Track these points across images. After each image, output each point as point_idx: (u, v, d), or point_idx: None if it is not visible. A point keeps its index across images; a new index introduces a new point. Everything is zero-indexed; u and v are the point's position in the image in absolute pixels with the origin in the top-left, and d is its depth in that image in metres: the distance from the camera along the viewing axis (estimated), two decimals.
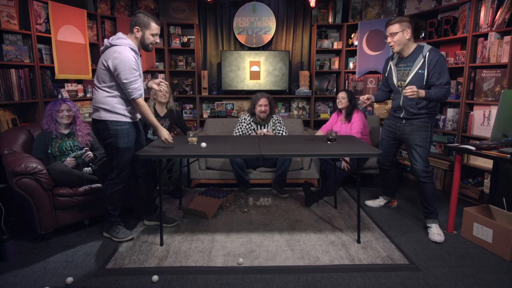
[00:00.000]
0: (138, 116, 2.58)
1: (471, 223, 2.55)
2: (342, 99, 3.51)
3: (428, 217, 2.72)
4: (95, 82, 2.44)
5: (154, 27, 2.42)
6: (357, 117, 3.45)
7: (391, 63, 2.81)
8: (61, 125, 2.87)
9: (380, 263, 2.28)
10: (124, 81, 2.33)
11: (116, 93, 2.40)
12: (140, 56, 2.54)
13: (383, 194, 3.27)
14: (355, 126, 3.41)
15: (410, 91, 2.43)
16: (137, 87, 2.37)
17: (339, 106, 3.56)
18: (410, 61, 2.65)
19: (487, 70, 3.15)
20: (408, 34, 2.60)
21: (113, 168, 2.50)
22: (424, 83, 2.57)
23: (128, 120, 2.48)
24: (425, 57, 2.55)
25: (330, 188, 3.28)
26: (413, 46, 2.66)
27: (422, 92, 2.47)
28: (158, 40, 2.50)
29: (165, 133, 2.50)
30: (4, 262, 2.28)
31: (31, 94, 3.25)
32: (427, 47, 2.59)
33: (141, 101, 2.41)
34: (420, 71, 2.58)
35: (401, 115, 2.75)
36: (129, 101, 2.44)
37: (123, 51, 2.31)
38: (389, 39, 2.66)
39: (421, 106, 2.63)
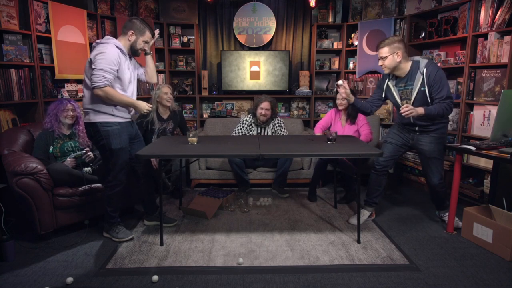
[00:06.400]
0: (129, 116, 2.55)
1: (471, 223, 2.55)
2: (342, 100, 3.23)
3: (441, 209, 2.88)
4: (83, 84, 2.41)
5: (148, 35, 2.48)
6: (363, 119, 3.28)
7: (389, 83, 2.71)
8: (64, 125, 2.87)
9: (380, 263, 2.28)
10: (94, 66, 2.24)
11: None
12: (131, 59, 2.53)
13: (366, 204, 2.94)
14: (365, 128, 3.26)
15: (407, 110, 2.38)
16: (107, 77, 2.26)
17: (340, 108, 3.33)
18: (409, 80, 2.58)
19: (487, 70, 3.15)
20: (399, 56, 2.51)
21: (110, 170, 2.50)
22: (429, 100, 2.53)
23: (119, 120, 2.45)
24: (423, 74, 2.50)
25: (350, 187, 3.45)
26: (408, 64, 2.58)
27: (421, 110, 2.42)
28: (147, 48, 2.54)
29: (143, 104, 2.46)
30: (4, 262, 2.28)
31: (31, 94, 3.24)
32: (423, 62, 2.53)
33: (107, 89, 2.27)
34: (421, 88, 2.52)
35: (416, 128, 2.68)
36: None
37: (108, 46, 2.32)
38: (380, 62, 2.60)
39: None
